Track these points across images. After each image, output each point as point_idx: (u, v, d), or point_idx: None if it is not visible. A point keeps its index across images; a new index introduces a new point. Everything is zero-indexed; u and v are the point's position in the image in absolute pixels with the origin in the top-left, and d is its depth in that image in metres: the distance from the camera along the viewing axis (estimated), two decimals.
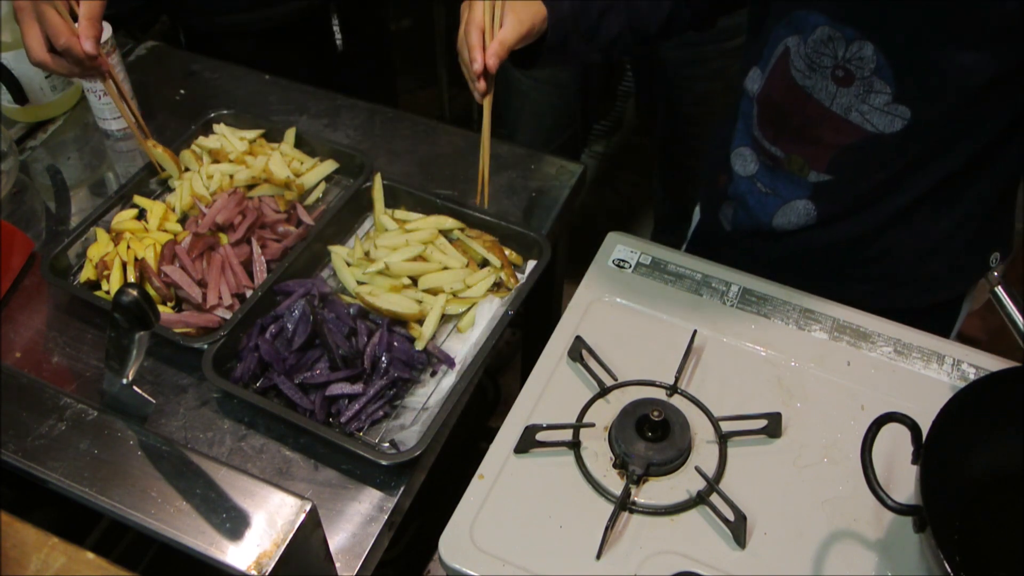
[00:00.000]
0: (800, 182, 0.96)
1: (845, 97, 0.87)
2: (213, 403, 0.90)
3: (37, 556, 0.63)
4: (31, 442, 0.72)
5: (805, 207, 0.97)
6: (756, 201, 1.01)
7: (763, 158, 0.99)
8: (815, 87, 0.88)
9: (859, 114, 0.87)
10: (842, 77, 0.86)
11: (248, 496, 0.68)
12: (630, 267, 0.96)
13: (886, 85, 0.84)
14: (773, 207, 1.00)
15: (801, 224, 0.98)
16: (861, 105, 0.86)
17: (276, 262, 1.01)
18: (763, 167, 1.00)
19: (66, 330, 0.97)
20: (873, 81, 0.84)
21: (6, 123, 1.20)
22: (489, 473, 0.79)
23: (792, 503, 0.77)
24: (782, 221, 0.99)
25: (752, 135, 1.00)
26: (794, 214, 0.98)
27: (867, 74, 0.84)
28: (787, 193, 0.98)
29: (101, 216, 1.04)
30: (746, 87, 0.99)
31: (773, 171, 0.98)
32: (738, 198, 1.04)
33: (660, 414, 0.78)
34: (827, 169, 0.93)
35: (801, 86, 0.90)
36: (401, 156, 1.17)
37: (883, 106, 0.85)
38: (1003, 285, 0.82)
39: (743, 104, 1.01)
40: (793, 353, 0.88)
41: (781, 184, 0.98)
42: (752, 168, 1.01)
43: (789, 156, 0.95)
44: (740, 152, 1.03)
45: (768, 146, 0.97)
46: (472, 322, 0.96)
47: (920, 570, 0.73)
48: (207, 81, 1.29)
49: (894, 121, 0.86)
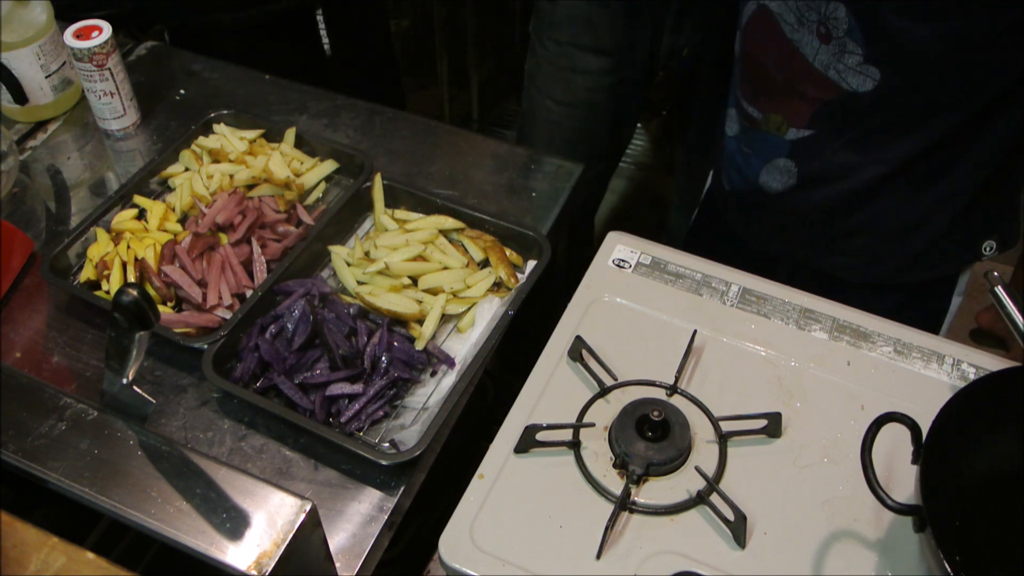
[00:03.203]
0: (778, 141, 0.99)
1: (825, 55, 0.90)
2: (213, 403, 0.90)
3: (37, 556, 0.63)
4: (31, 442, 0.72)
5: (785, 165, 1.00)
6: (743, 160, 1.05)
7: (742, 120, 1.03)
8: (801, 41, 0.91)
9: (836, 72, 0.90)
10: (824, 33, 0.89)
11: (248, 496, 0.68)
12: (630, 267, 0.96)
13: (857, 46, 0.87)
14: (758, 166, 1.03)
15: (785, 184, 1.02)
16: (837, 64, 0.89)
17: (276, 262, 1.01)
18: (742, 128, 1.04)
19: (66, 330, 0.97)
20: (846, 41, 0.87)
21: (6, 123, 1.20)
22: (489, 473, 0.79)
23: (792, 503, 0.77)
24: (767, 179, 1.03)
25: (736, 95, 1.03)
26: (777, 172, 1.01)
27: (841, 34, 0.87)
28: (767, 153, 1.02)
29: (101, 216, 1.04)
30: (736, 50, 1.02)
31: (751, 132, 1.02)
32: (728, 157, 1.08)
33: (660, 414, 0.78)
34: (807, 124, 0.96)
35: (790, 39, 0.92)
36: (401, 156, 1.17)
37: (856, 66, 0.88)
38: (1003, 285, 0.82)
39: (735, 66, 1.04)
40: (793, 353, 0.88)
41: (759, 144, 1.02)
42: (735, 129, 1.05)
43: (766, 116, 0.98)
44: (728, 113, 1.07)
45: (746, 106, 1.01)
46: (472, 322, 0.97)
47: (920, 570, 0.73)
48: (207, 81, 1.29)
49: (865, 81, 0.89)
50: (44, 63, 1.17)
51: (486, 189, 1.13)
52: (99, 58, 1.12)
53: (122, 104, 1.18)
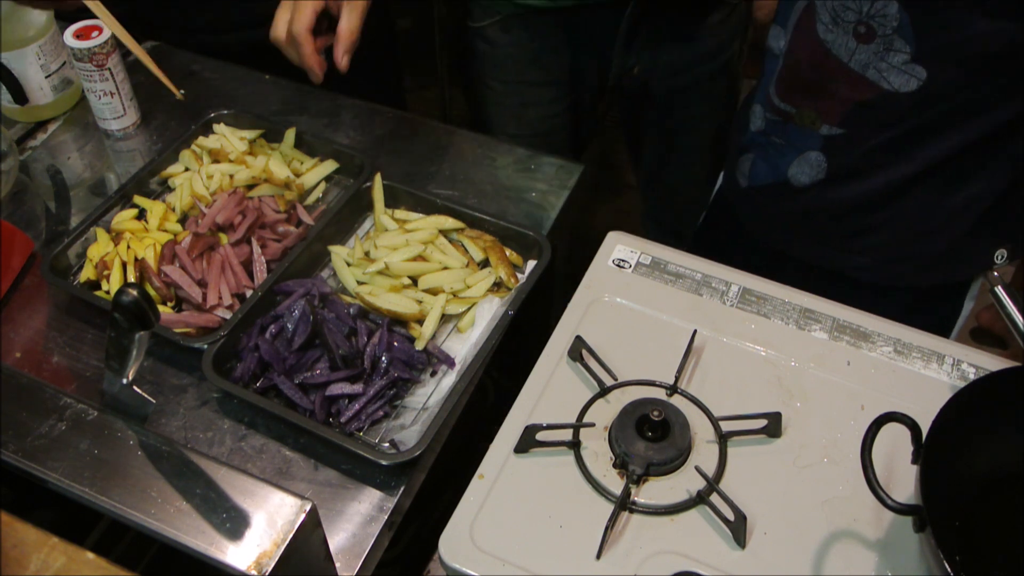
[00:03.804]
0: (811, 134, 0.99)
1: (864, 54, 0.89)
2: (213, 403, 0.90)
3: (37, 556, 0.63)
4: (31, 442, 0.72)
5: (816, 159, 1.00)
6: (775, 151, 1.04)
7: (771, 115, 1.02)
8: (835, 42, 0.90)
9: (876, 71, 0.89)
10: (863, 33, 0.87)
11: (248, 496, 0.68)
12: (630, 267, 0.96)
13: (905, 44, 0.86)
14: (791, 157, 1.02)
15: (813, 178, 1.01)
16: (879, 63, 0.88)
17: (276, 262, 1.01)
18: (769, 123, 1.03)
19: (66, 330, 0.97)
20: (893, 39, 0.86)
21: (6, 123, 1.20)
22: (489, 473, 0.79)
23: (792, 503, 0.77)
24: (796, 172, 1.02)
25: (766, 92, 1.02)
26: (807, 165, 1.01)
27: (888, 32, 0.86)
28: (800, 144, 1.01)
29: (101, 216, 1.04)
30: (769, 44, 1.02)
31: (784, 125, 1.01)
32: (758, 149, 1.07)
33: (660, 414, 0.78)
34: (840, 123, 0.95)
35: (822, 39, 0.91)
36: (401, 156, 1.17)
37: (901, 65, 0.87)
38: (1003, 285, 0.82)
39: (767, 62, 1.04)
40: (793, 353, 0.88)
41: (794, 135, 1.01)
42: (760, 124, 1.04)
43: (800, 111, 0.98)
44: (754, 109, 1.07)
45: (778, 102, 1.00)
46: (472, 322, 0.97)
47: (920, 570, 0.73)
48: (207, 81, 1.29)
49: (910, 80, 0.87)
50: (44, 63, 1.17)
51: (486, 189, 1.13)
52: (99, 58, 1.12)
53: (122, 104, 1.18)
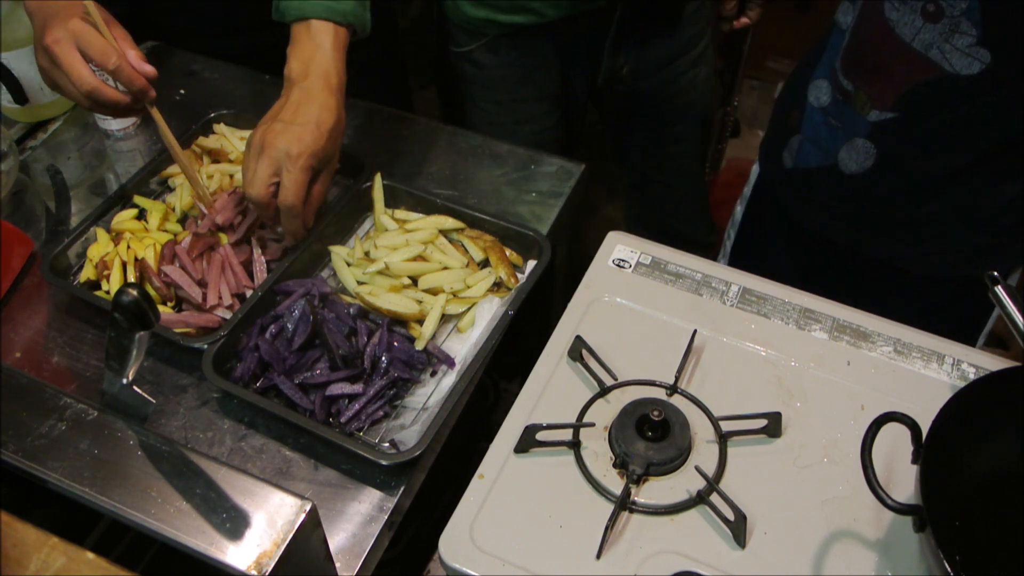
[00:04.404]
0: (860, 121, 0.98)
1: (929, 33, 0.88)
2: (213, 403, 0.90)
3: (37, 556, 0.63)
4: (31, 442, 0.72)
5: (864, 146, 0.99)
6: (828, 133, 1.03)
7: (835, 92, 1.01)
8: (900, 20, 0.90)
9: (939, 52, 0.88)
10: (932, 12, 0.87)
11: (248, 496, 0.68)
12: (630, 267, 0.96)
13: (972, 27, 0.85)
14: (841, 141, 1.01)
15: (861, 165, 1.00)
16: (944, 44, 0.88)
17: (276, 262, 1.01)
18: (834, 100, 1.01)
19: (66, 330, 0.97)
20: (960, 21, 0.85)
21: (6, 123, 1.20)
22: (489, 473, 0.79)
23: (792, 503, 0.77)
24: (845, 158, 1.01)
25: (833, 67, 1.01)
26: (855, 152, 1.00)
27: (957, 13, 0.85)
28: (851, 129, 1.00)
29: (101, 216, 1.04)
30: (837, 19, 1.01)
31: (842, 105, 1.00)
32: (812, 130, 1.06)
33: (660, 414, 0.78)
34: (892, 106, 0.94)
35: (887, 18, 0.91)
36: (401, 156, 1.17)
37: (965, 47, 0.87)
38: (1003, 285, 0.82)
39: (833, 36, 1.03)
40: (793, 353, 0.88)
41: (848, 118, 1.00)
42: (825, 100, 1.03)
43: (857, 91, 0.97)
44: (817, 84, 1.05)
45: (842, 79, 0.99)
46: (472, 322, 0.97)
47: (920, 570, 0.73)
48: (207, 81, 1.29)
49: (972, 64, 0.87)
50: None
51: (486, 189, 1.13)
52: None
53: None
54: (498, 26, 1.35)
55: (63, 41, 0.91)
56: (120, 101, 0.95)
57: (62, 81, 0.93)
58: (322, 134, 0.92)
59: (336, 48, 0.96)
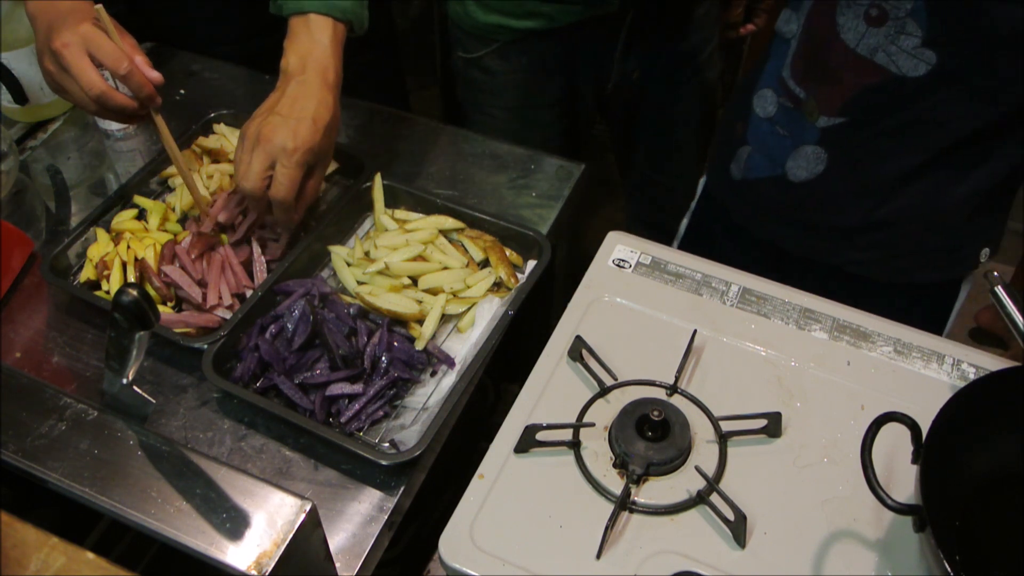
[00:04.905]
0: (809, 127, 0.98)
1: (874, 38, 0.89)
2: (213, 403, 0.90)
3: (37, 556, 0.63)
4: (31, 442, 0.72)
5: (814, 152, 0.99)
6: (775, 143, 1.03)
7: (784, 100, 1.01)
8: (845, 25, 0.90)
9: (885, 55, 0.89)
10: (875, 16, 0.87)
11: (248, 496, 0.68)
12: (630, 267, 0.96)
13: (918, 28, 0.86)
14: (788, 150, 1.02)
15: (812, 172, 1.00)
16: (889, 46, 0.88)
17: (276, 262, 1.01)
18: (781, 109, 1.02)
19: (66, 330, 0.97)
20: (906, 22, 0.86)
21: (6, 123, 1.20)
22: (489, 473, 0.79)
23: (792, 503, 0.77)
24: (793, 166, 1.01)
25: (779, 76, 1.01)
26: (804, 159, 1.00)
27: (902, 14, 0.86)
28: (799, 137, 1.00)
29: (101, 216, 1.04)
30: (779, 28, 1.01)
31: (790, 112, 1.00)
32: (757, 141, 1.06)
33: (660, 414, 0.78)
34: (841, 111, 0.95)
35: (835, 22, 0.91)
36: (401, 156, 1.17)
37: (911, 49, 0.87)
38: (1003, 285, 0.82)
39: (776, 45, 1.03)
40: (793, 353, 0.88)
41: (795, 127, 1.00)
42: (772, 109, 1.03)
43: (808, 98, 0.97)
44: (763, 94, 1.05)
45: (793, 86, 0.99)
46: (472, 322, 0.97)
47: (920, 570, 0.73)
48: (207, 81, 1.29)
49: (919, 65, 0.87)
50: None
51: (486, 189, 1.13)
52: None
53: None
54: (509, 31, 1.35)
55: (73, 45, 0.90)
56: (128, 106, 0.95)
57: (70, 86, 0.93)
58: (318, 130, 0.92)
59: (334, 44, 0.96)
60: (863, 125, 0.95)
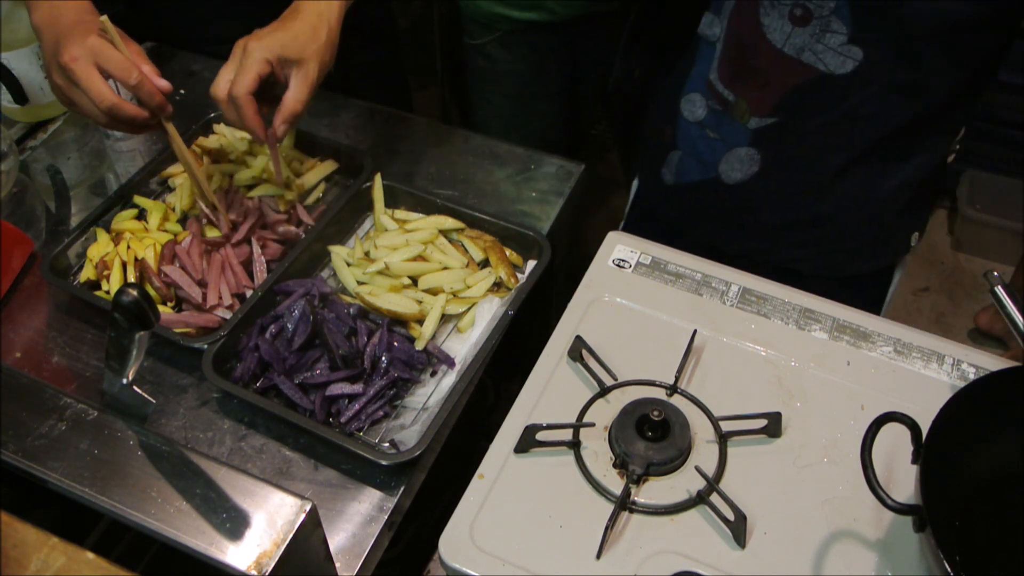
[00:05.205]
0: (741, 129, 0.99)
1: (799, 37, 0.89)
2: (213, 403, 0.90)
3: (37, 556, 0.63)
4: (31, 442, 0.72)
5: (748, 153, 1.00)
6: (706, 147, 1.04)
7: (712, 103, 1.02)
8: (770, 26, 0.91)
9: (812, 54, 0.90)
10: (800, 16, 0.88)
11: (248, 496, 0.68)
12: (630, 267, 0.96)
13: (843, 25, 0.87)
14: (720, 153, 1.02)
15: (746, 173, 1.01)
16: (815, 45, 0.89)
17: (276, 262, 1.01)
18: (711, 112, 1.02)
19: (66, 330, 0.97)
20: (831, 20, 0.87)
21: (6, 123, 1.20)
22: (489, 473, 0.79)
23: (792, 503, 0.77)
24: (726, 168, 1.02)
25: (707, 79, 1.02)
26: (737, 161, 1.01)
27: (826, 13, 0.87)
28: (731, 139, 1.01)
29: (101, 216, 1.04)
30: (703, 32, 1.02)
31: (720, 116, 1.01)
32: (687, 145, 1.06)
33: (660, 414, 0.78)
34: (772, 111, 0.96)
35: (760, 23, 0.92)
36: (401, 156, 1.17)
37: (837, 46, 0.88)
38: (1003, 285, 0.82)
39: (701, 50, 1.03)
40: (793, 353, 0.88)
41: (726, 130, 1.01)
42: (700, 114, 1.03)
43: (738, 100, 0.98)
44: (690, 98, 1.05)
45: (722, 89, 0.99)
46: (472, 322, 0.97)
47: (920, 570, 0.73)
48: (207, 81, 1.27)
49: (846, 62, 0.88)
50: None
51: (486, 189, 1.13)
52: None
53: None
54: (511, 22, 1.36)
55: (81, 59, 0.89)
56: (139, 116, 0.94)
57: (80, 99, 0.92)
58: (291, 36, 0.90)
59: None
60: (794, 124, 0.96)
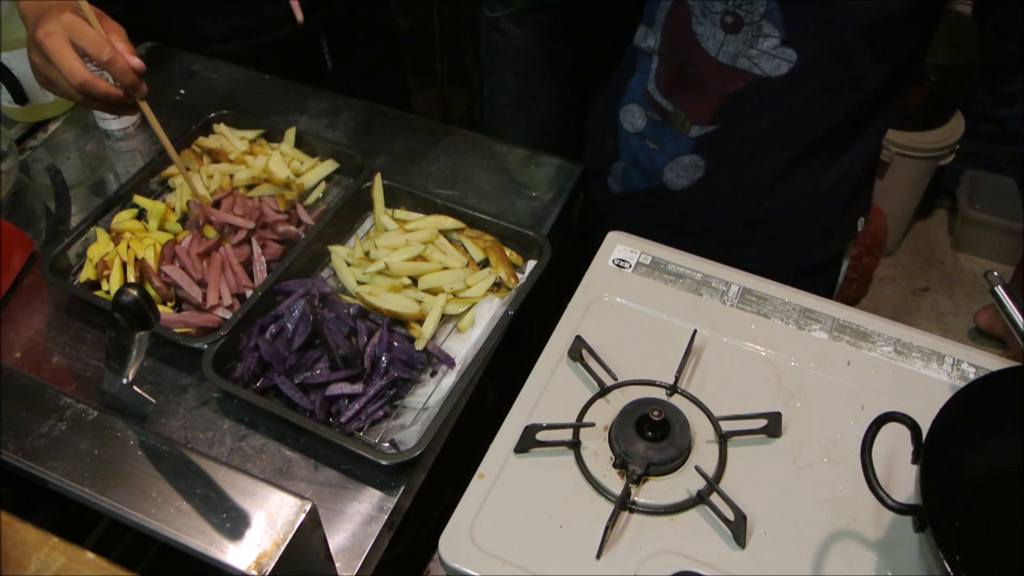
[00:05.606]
0: (682, 139, 1.00)
1: (733, 44, 0.90)
2: (213, 403, 0.90)
3: (37, 556, 0.63)
4: (31, 442, 0.72)
5: (692, 161, 1.01)
6: (647, 157, 1.05)
7: (651, 113, 1.02)
8: (703, 35, 0.92)
9: (747, 59, 0.91)
10: (731, 23, 0.89)
11: (248, 496, 0.68)
12: (630, 267, 0.96)
13: (775, 28, 0.88)
14: (662, 162, 1.03)
15: (691, 179, 1.02)
16: (749, 50, 0.90)
17: (276, 262, 1.01)
18: (650, 123, 1.03)
19: (66, 330, 0.97)
20: (762, 25, 0.88)
21: (6, 123, 1.20)
22: (489, 473, 0.79)
23: (792, 503, 0.77)
24: (671, 176, 1.03)
25: (645, 90, 1.02)
26: (682, 168, 1.02)
27: (756, 18, 0.87)
28: (672, 149, 1.02)
29: (101, 216, 1.04)
30: (638, 44, 1.02)
31: (660, 126, 1.02)
32: (629, 156, 1.07)
33: (660, 414, 0.78)
34: (712, 119, 0.96)
35: (693, 32, 0.93)
36: (401, 156, 1.17)
37: (771, 50, 0.89)
38: (1003, 285, 0.82)
39: (639, 60, 1.04)
40: (793, 353, 0.88)
41: (667, 140, 1.02)
42: (640, 124, 1.04)
43: (677, 110, 0.99)
44: (629, 109, 1.06)
45: (660, 100, 1.00)
46: (472, 322, 0.97)
47: (920, 570, 0.73)
48: (207, 81, 1.29)
49: (781, 64, 0.89)
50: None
51: (486, 189, 1.13)
52: None
53: None
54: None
55: (55, 34, 0.90)
56: (112, 94, 0.94)
57: (54, 75, 0.92)
58: None
59: None
60: (736, 129, 0.97)
